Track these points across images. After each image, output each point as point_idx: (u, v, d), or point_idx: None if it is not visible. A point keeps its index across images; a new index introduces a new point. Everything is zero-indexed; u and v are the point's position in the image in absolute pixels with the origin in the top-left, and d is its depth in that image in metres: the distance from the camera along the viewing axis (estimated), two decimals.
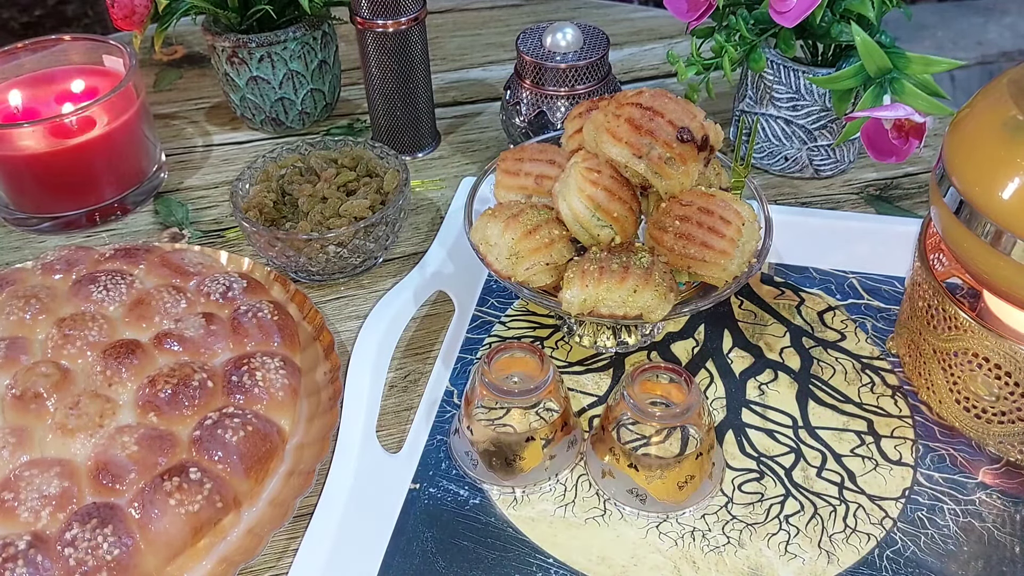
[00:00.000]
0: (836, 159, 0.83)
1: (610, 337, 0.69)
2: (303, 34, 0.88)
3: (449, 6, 1.16)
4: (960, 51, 2.31)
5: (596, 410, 0.66)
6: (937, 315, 0.60)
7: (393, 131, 0.88)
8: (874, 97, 0.71)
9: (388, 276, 0.78)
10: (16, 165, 0.79)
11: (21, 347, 0.64)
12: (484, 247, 0.64)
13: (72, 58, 0.86)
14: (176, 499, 0.55)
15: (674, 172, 0.61)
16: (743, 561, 0.57)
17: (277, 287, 0.73)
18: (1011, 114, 0.54)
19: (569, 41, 0.80)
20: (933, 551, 0.57)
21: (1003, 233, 0.53)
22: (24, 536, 0.53)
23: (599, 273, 0.59)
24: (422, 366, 0.70)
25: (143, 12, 0.86)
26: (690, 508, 0.59)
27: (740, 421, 0.65)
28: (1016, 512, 0.59)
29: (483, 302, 0.74)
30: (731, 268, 0.61)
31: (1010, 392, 0.57)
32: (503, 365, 0.60)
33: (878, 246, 0.75)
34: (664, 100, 0.62)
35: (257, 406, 0.61)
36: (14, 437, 0.59)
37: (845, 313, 0.72)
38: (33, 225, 0.83)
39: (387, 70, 0.83)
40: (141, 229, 0.84)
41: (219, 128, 0.96)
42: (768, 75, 0.79)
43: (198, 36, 1.10)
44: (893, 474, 0.61)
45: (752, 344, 0.70)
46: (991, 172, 0.54)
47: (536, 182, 0.67)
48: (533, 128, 0.83)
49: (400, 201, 0.74)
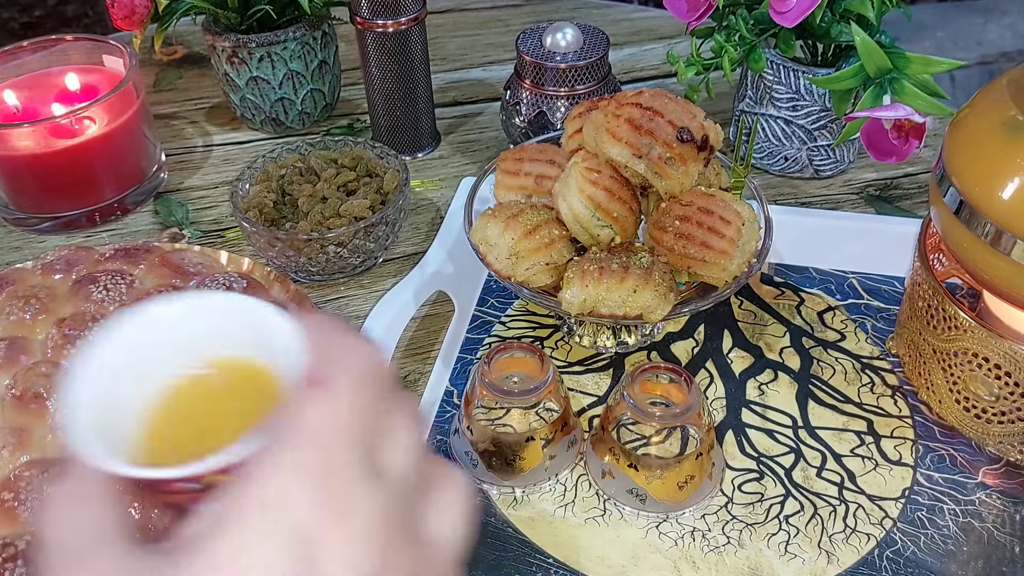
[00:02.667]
0: (836, 159, 0.83)
1: (610, 337, 0.69)
2: (303, 34, 0.88)
3: (449, 6, 1.16)
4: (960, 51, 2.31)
5: (596, 410, 0.66)
6: (937, 315, 0.60)
7: (393, 131, 0.88)
8: (874, 97, 0.71)
9: (388, 276, 0.78)
10: (16, 165, 0.79)
11: (21, 347, 0.64)
12: (484, 247, 0.64)
13: (72, 58, 0.86)
14: None
15: (674, 172, 0.61)
16: (743, 561, 0.57)
17: (277, 287, 0.73)
18: (1011, 114, 0.54)
19: (569, 41, 0.80)
20: (933, 551, 0.57)
21: (1003, 233, 0.53)
22: (24, 536, 0.53)
23: (599, 273, 0.59)
24: (422, 366, 0.70)
25: (143, 12, 0.86)
26: (690, 508, 0.59)
27: (740, 421, 0.65)
28: (1016, 512, 0.59)
29: (483, 302, 0.74)
30: (731, 268, 0.61)
31: (1010, 392, 0.57)
32: (503, 365, 0.60)
33: (878, 246, 0.75)
34: (664, 100, 0.62)
35: None
36: (14, 437, 0.59)
37: (845, 313, 0.72)
38: (33, 225, 0.83)
39: (387, 70, 0.83)
40: (141, 229, 0.84)
41: (219, 128, 0.96)
42: (768, 75, 0.79)
43: (198, 36, 1.10)
44: (893, 474, 0.61)
45: (752, 344, 0.70)
46: (991, 172, 0.54)
47: (536, 182, 0.67)
48: (533, 128, 0.83)
49: (400, 201, 0.74)
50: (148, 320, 0.37)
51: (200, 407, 0.38)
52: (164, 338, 0.37)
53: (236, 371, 0.38)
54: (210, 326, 0.38)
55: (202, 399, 0.38)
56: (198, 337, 0.38)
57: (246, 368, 0.38)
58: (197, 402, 0.38)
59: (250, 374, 0.38)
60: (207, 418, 0.38)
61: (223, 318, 0.38)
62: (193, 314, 0.38)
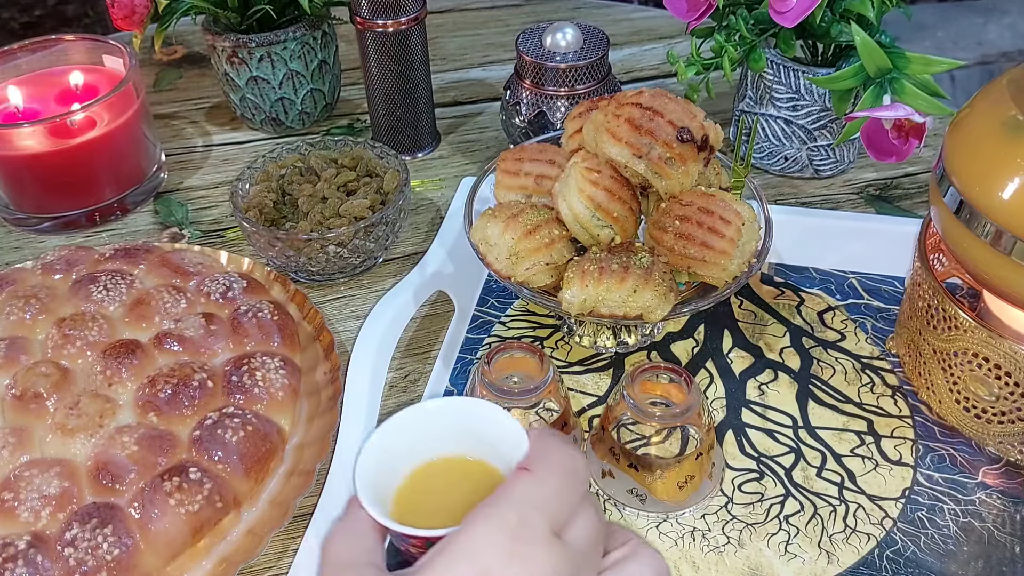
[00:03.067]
0: (836, 159, 0.83)
1: (610, 337, 0.69)
2: (303, 34, 0.88)
3: (449, 6, 1.16)
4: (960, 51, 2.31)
5: (596, 410, 0.66)
6: (937, 315, 0.60)
7: (393, 131, 0.88)
8: (874, 97, 0.71)
9: (388, 276, 0.78)
10: (16, 165, 0.79)
11: (21, 347, 0.64)
12: (484, 247, 0.64)
13: (72, 58, 0.86)
14: (176, 499, 0.55)
15: (674, 172, 0.61)
16: (743, 561, 0.57)
17: (277, 287, 0.73)
18: (1011, 114, 0.54)
19: (569, 41, 0.80)
20: (933, 551, 0.57)
21: (1003, 233, 0.53)
22: (24, 536, 0.53)
23: (599, 273, 0.59)
24: (422, 366, 0.70)
25: (143, 12, 0.86)
26: (690, 508, 0.59)
27: (740, 421, 0.65)
28: (1016, 512, 0.59)
29: (483, 302, 0.74)
30: (731, 268, 0.61)
31: (1010, 392, 0.57)
32: (503, 365, 0.60)
33: (878, 246, 0.75)
34: (664, 100, 0.62)
35: (257, 406, 0.61)
36: (14, 437, 0.59)
37: (845, 313, 0.72)
38: (33, 225, 0.83)
39: (387, 70, 0.83)
40: (141, 229, 0.84)
41: (219, 128, 0.96)
42: (768, 75, 0.79)
43: (198, 36, 1.10)
44: (893, 474, 0.61)
45: (752, 344, 0.70)
46: (991, 172, 0.54)
47: (536, 182, 0.67)
48: (533, 128, 0.83)
49: (400, 201, 0.74)
50: (424, 412, 0.50)
51: (440, 486, 0.51)
52: (430, 428, 0.50)
53: (473, 465, 0.51)
54: (462, 425, 0.50)
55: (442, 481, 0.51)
56: (452, 433, 0.50)
57: (480, 464, 0.51)
58: (439, 482, 0.51)
59: (483, 469, 0.50)
60: (444, 495, 0.51)
61: (471, 419, 0.50)
62: (452, 412, 0.51)
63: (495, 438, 0.50)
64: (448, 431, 0.52)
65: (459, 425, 0.52)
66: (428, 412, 0.51)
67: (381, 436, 0.49)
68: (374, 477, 0.48)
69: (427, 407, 0.51)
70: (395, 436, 0.50)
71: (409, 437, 0.51)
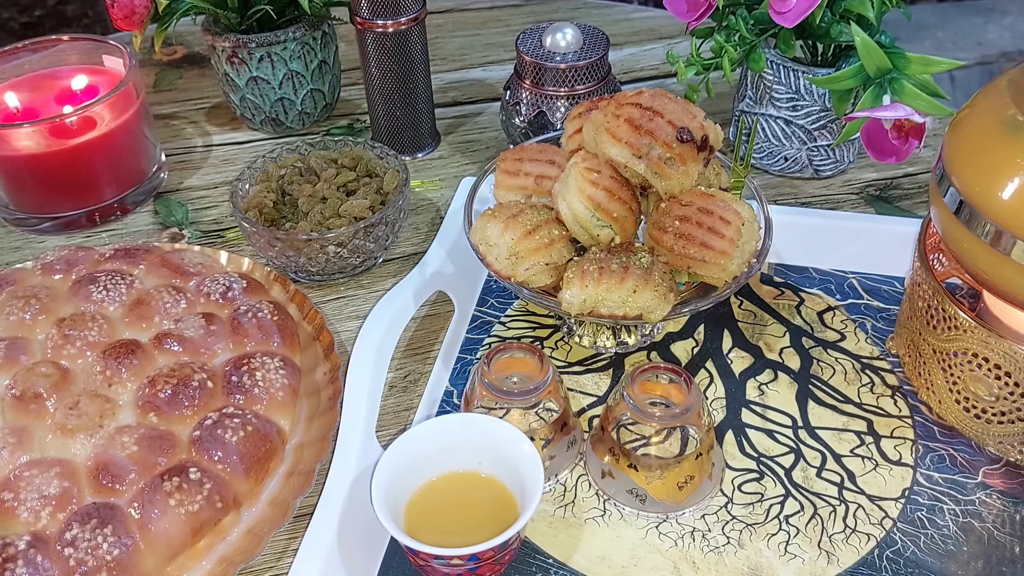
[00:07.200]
0: (836, 159, 0.83)
1: (610, 337, 0.69)
2: (303, 34, 0.88)
3: (449, 6, 1.16)
4: (960, 51, 2.31)
5: (596, 410, 0.66)
6: (937, 315, 0.60)
7: (393, 131, 0.88)
8: (874, 97, 0.71)
9: (388, 276, 0.78)
10: (16, 165, 0.79)
11: (21, 347, 0.64)
12: (484, 247, 0.64)
13: (72, 58, 0.86)
14: (176, 499, 0.55)
15: (674, 172, 0.61)
16: (743, 561, 0.57)
17: (277, 287, 0.73)
18: (1011, 114, 0.54)
19: (569, 41, 0.80)
20: (933, 551, 0.57)
21: (1003, 233, 0.53)
22: (24, 536, 0.53)
23: (599, 273, 0.59)
24: (422, 366, 0.70)
25: (143, 12, 0.86)
26: (690, 508, 0.59)
27: (740, 421, 0.65)
28: (1016, 512, 0.59)
29: (483, 302, 0.74)
30: (731, 268, 0.61)
31: (1010, 392, 0.57)
32: (503, 365, 0.60)
33: (878, 246, 0.75)
34: (664, 100, 0.62)
35: (257, 406, 0.61)
36: (14, 437, 0.59)
37: (845, 313, 0.72)
38: (33, 225, 0.83)
39: (387, 70, 0.83)
40: (141, 229, 0.84)
41: (219, 128, 0.96)
42: (768, 75, 0.79)
43: (198, 36, 1.10)
44: (893, 474, 0.61)
45: (752, 344, 0.70)
46: (991, 172, 0.54)
47: (536, 182, 0.67)
48: (533, 128, 0.83)
49: (400, 201, 0.74)
50: (434, 428, 0.56)
51: (451, 503, 0.56)
52: (441, 446, 0.55)
53: (485, 483, 0.56)
54: (474, 443, 0.55)
55: (455, 496, 0.56)
56: (464, 450, 0.55)
57: (494, 484, 0.56)
58: (450, 497, 0.56)
59: (496, 490, 0.55)
60: (454, 509, 0.55)
61: (482, 437, 0.55)
62: (464, 429, 0.56)
63: (513, 461, 0.54)
64: (464, 446, 0.55)
65: (477, 441, 0.55)
66: (450, 424, 0.55)
67: (402, 444, 0.54)
68: (387, 493, 0.53)
69: (450, 420, 0.55)
70: (413, 447, 0.55)
71: (425, 449, 0.55)
